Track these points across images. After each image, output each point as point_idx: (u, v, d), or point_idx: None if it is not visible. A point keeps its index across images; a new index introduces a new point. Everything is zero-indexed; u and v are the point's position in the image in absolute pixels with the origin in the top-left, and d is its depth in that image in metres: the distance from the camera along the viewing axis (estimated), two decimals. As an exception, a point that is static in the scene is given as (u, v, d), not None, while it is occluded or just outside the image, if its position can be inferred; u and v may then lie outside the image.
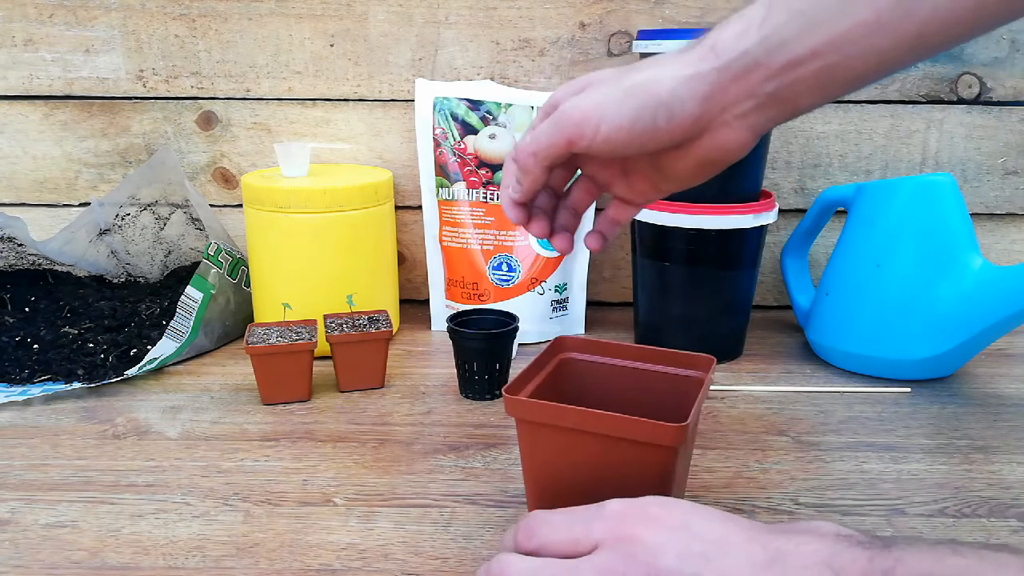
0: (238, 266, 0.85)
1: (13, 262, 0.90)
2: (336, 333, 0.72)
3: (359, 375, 0.73)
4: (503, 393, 0.47)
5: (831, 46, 0.40)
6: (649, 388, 0.54)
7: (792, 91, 0.41)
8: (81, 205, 0.96)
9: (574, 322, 0.91)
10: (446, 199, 0.87)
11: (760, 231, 0.80)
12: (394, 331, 0.86)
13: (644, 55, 0.78)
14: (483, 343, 0.71)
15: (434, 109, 0.86)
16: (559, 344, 0.55)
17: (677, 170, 0.46)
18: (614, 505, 0.40)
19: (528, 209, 0.50)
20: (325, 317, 0.75)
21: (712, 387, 0.54)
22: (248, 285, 0.85)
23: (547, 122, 0.45)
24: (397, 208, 0.95)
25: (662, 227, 0.77)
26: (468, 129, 0.86)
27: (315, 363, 0.73)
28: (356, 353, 0.72)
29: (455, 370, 0.73)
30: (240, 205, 0.96)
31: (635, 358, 0.55)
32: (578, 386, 0.55)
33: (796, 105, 0.42)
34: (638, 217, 0.79)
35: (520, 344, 0.78)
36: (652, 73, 0.43)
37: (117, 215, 0.92)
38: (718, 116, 0.43)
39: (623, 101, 0.43)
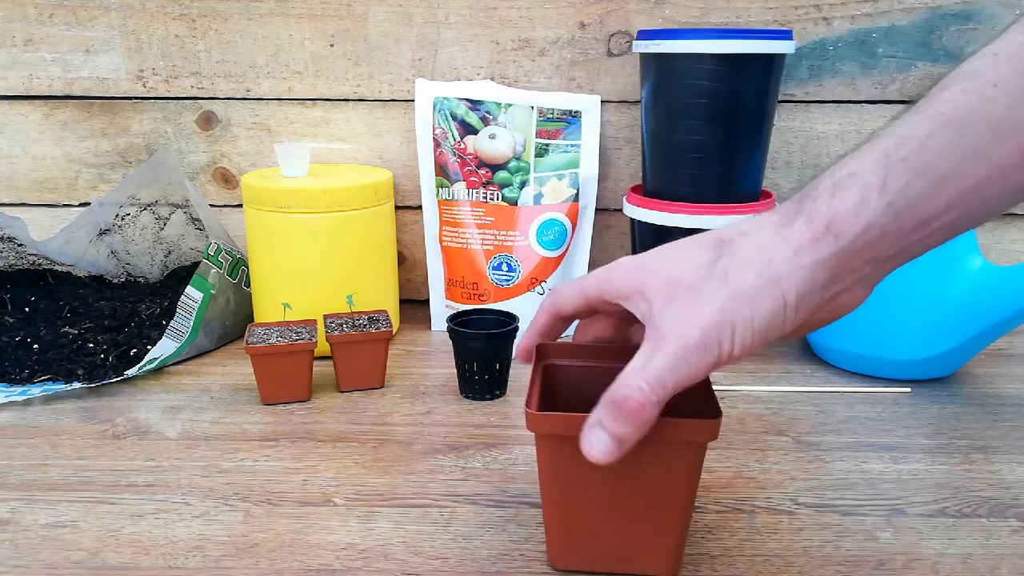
0: (238, 266, 0.85)
1: (13, 262, 0.90)
2: (336, 333, 0.72)
3: (359, 375, 0.73)
4: (525, 411, 0.46)
5: (956, 205, 0.36)
6: None
7: (921, 246, 0.38)
8: (81, 205, 0.97)
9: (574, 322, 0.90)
10: (446, 199, 0.87)
11: (760, 231, 0.79)
12: (394, 331, 0.86)
13: (644, 56, 0.78)
14: (483, 343, 0.71)
15: (434, 109, 0.86)
16: (540, 352, 0.55)
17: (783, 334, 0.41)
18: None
19: None
20: (325, 317, 0.75)
21: (713, 387, 0.54)
22: (248, 285, 0.85)
23: (663, 358, 0.37)
24: (397, 208, 0.95)
25: (662, 227, 0.77)
26: (468, 129, 0.86)
27: (315, 363, 0.73)
28: (356, 353, 0.72)
29: (455, 370, 0.73)
30: (240, 205, 0.96)
31: (618, 358, 0.55)
32: (565, 392, 0.54)
33: (912, 256, 0.39)
34: (638, 217, 0.79)
35: (520, 344, 0.78)
36: (762, 265, 0.37)
37: (117, 215, 0.92)
38: (840, 290, 0.39)
39: (745, 309, 0.36)
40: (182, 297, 0.78)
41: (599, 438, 0.39)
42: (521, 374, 0.76)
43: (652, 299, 0.39)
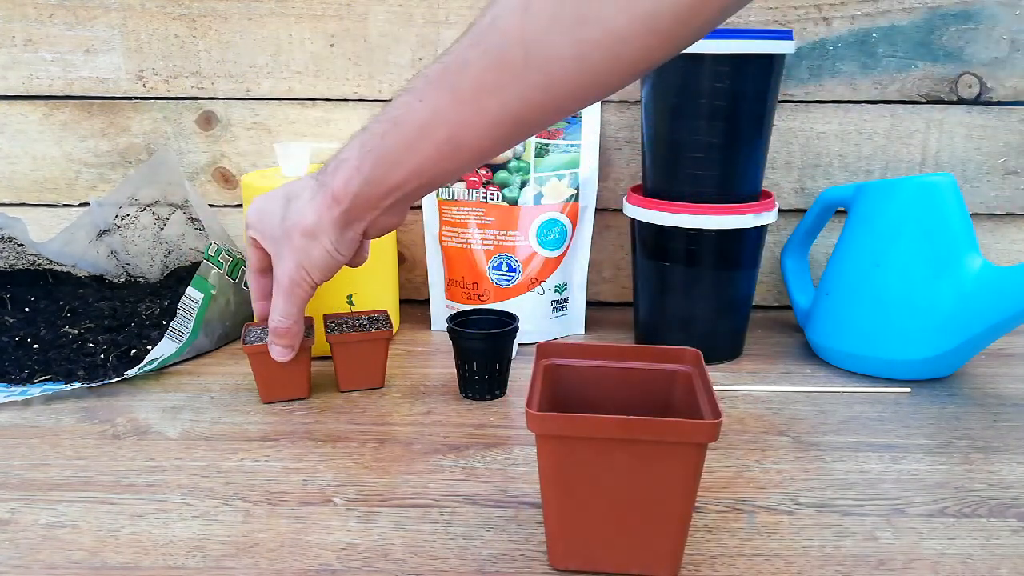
0: (238, 266, 0.85)
1: (13, 262, 0.90)
2: (336, 333, 0.72)
3: (359, 375, 0.73)
4: (525, 411, 0.46)
5: (413, 176, 0.54)
6: (637, 386, 0.54)
7: (405, 198, 0.56)
8: (81, 205, 0.97)
9: (574, 322, 0.91)
10: (446, 199, 0.87)
11: (760, 231, 0.80)
12: (394, 331, 0.86)
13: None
14: (483, 343, 0.71)
15: (434, 109, 0.86)
16: (541, 351, 0.55)
17: (364, 248, 0.65)
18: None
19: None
20: (325, 317, 0.75)
21: (713, 388, 0.54)
22: (248, 285, 0.85)
23: (279, 295, 0.63)
24: (397, 208, 0.95)
25: (662, 227, 0.77)
26: (468, 129, 0.86)
27: (315, 363, 0.73)
28: (356, 353, 0.72)
29: (455, 370, 0.73)
30: (240, 205, 0.96)
31: (618, 358, 0.55)
32: (565, 392, 0.54)
33: (414, 199, 0.58)
34: (638, 217, 0.79)
35: (520, 344, 0.78)
36: (304, 228, 0.58)
37: (117, 215, 0.92)
38: (367, 225, 0.59)
39: (305, 259, 0.59)
40: (182, 298, 0.77)
41: (275, 350, 0.67)
42: (521, 374, 0.76)
43: (268, 245, 0.62)
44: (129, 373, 0.73)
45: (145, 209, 0.93)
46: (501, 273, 0.86)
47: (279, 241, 0.61)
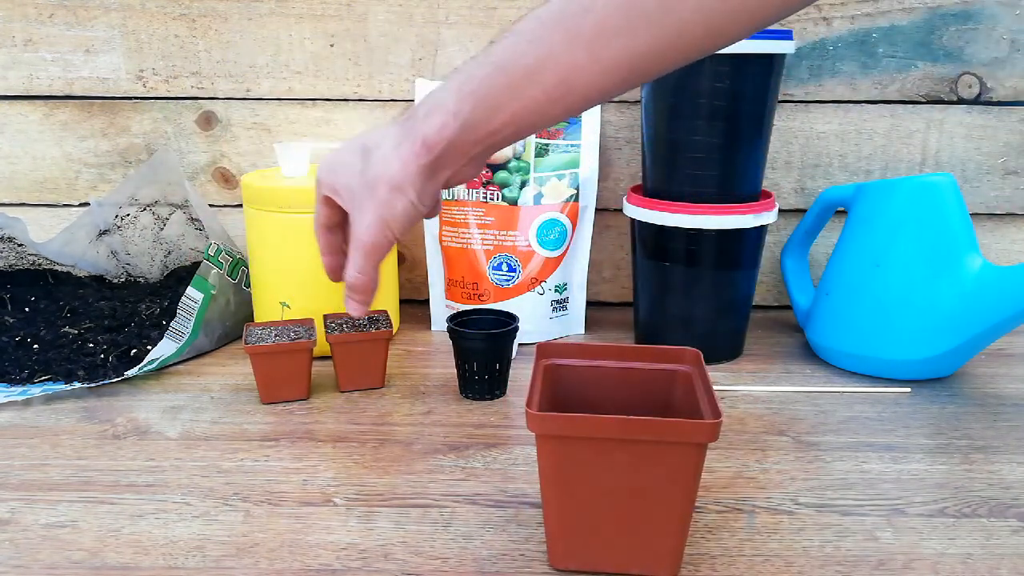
0: (238, 266, 0.85)
1: (13, 262, 0.90)
2: (336, 333, 0.72)
3: (359, 375, 0.73)
4: (526, 411, 0.46)
5: (512, 121, 0.51)
6: (637, 386, 0.54)
7: (494, 145, 0.54)
8: (81, 205, 0.96)
9: (574, 322, 0.91)
10: (446, 199, 0.87)
11: (760, 231, 0.80)
12: (394, 331, 0.86)
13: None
14: (483, 343, 0.71)
15: (434, 109, 0.86)
16: (541, 351, 0.55)
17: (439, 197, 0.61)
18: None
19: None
20: (325, 317, 0.75)
21: (713, 388, 0.54)
22: (248, 285, 0.85)
23: (356, 251, 0.58)
24: (397, 208, 0.95)
25: (662, 227, 0.77)
26: (468, 129, 0.86)
27: (315, 363, 0.73)
28: (356, 353, 0.72)
29: (455, 370, 0.73)
30: (240, 205, 0.96)
31: (618, 358, 0.55)
32: (566, 392, 0.54)
33: (500, 148, 0.55)
34: (638, 217, 0.79)
35: (520, 344, 0.78)
36: (387, 179, 0.55)
37: (117, 215, 0.92)
38: (451, 176, 0.55)
39: (387, 212, 0.56)
40: (182, 298, 0.77)
41: (351, 305, 0.61)
42: (521, 374, 0.76)
43: (344, 201, 0.57)
44: (129, 373, 0.73)
45: (145, 209, 0.93)
46: (501, 273, 0.86)
47: (358, 195, 0.57)
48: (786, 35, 0.74)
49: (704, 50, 0.48)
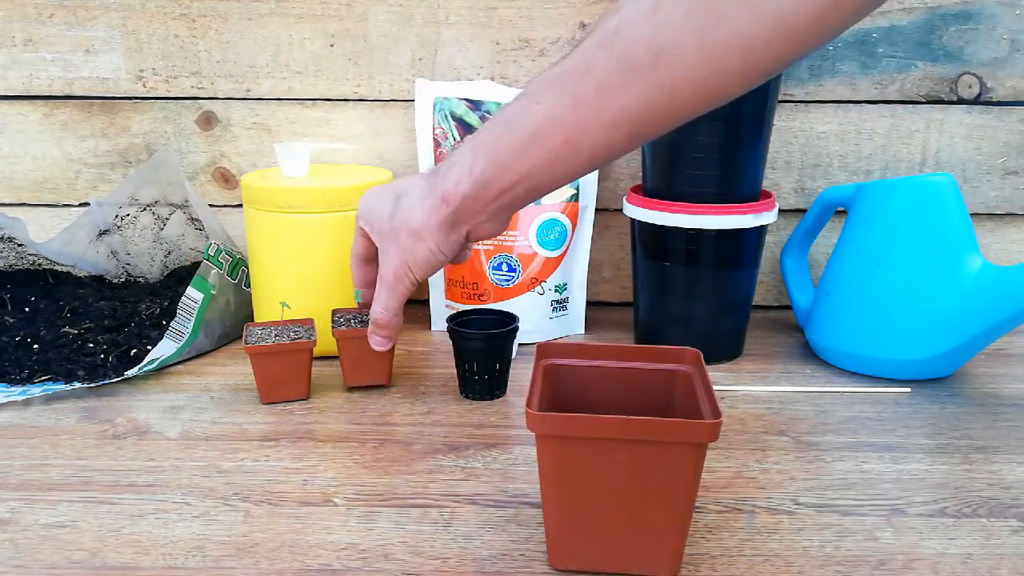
0: (238, 266, 0.85)
1: (13, 262, 0.90)
2: (343, 328, 0.72)
3: (366, 371, 0.73)
4: (525, 411, 0.46)
5: (522, 180, 0.54)
6: (637, 386, 0.54)
7: (511, 204, 0.57)
8: (81, 205, 0.96)
9: (574, 322, 0.91)
10: (446, 199, 0.87)
11: (760, 231, 0.80)
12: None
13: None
14: (483, 343, 0.71)
15: (434, 109, 0.86)
16: (541, 351, 0.55)
17: (465, 252, 0.66)
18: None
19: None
20: (333, 312, 0.75)
21: (713, 388, 0.54)
22: (248, 285, 0.85)
23: (382, 288, 0.64)
24: (397, 208, 0.95)
25: (662, 227, 0.77)
26: (468, 129, 0.86)
27: (316, 363, 0.73)
28: (364, 349, 0.71)
29: (455, 370, 0.73)
30: (240, 205, 0.96)
31: (618, 358, 0.55)
32: (566, 392, 0.54)
33: (521, 206, 0.58)
34: (638, 217, 0.79)
35: (520, 344, 0.78)
36: (411, 228, 0.60)
37: (117, 215, 0.92)
38: (470, 230, 0.59)
39: (410, 257, 0.61)
40: (183, 298, 0.78)
41: (375, 340, 0.68)
42: (521, 374, 0.76)
43: (376, 239, 0.64)
44: (129, 373, 0.73)
45: (145, 209, 0.93)
46: (501, 273, 0.86)
47: (386, 237, 0.62)
48: (786, 35, 0.74)
49: (704, 104, 0.50)
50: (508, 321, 0.74)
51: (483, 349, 0.71)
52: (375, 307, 0.66)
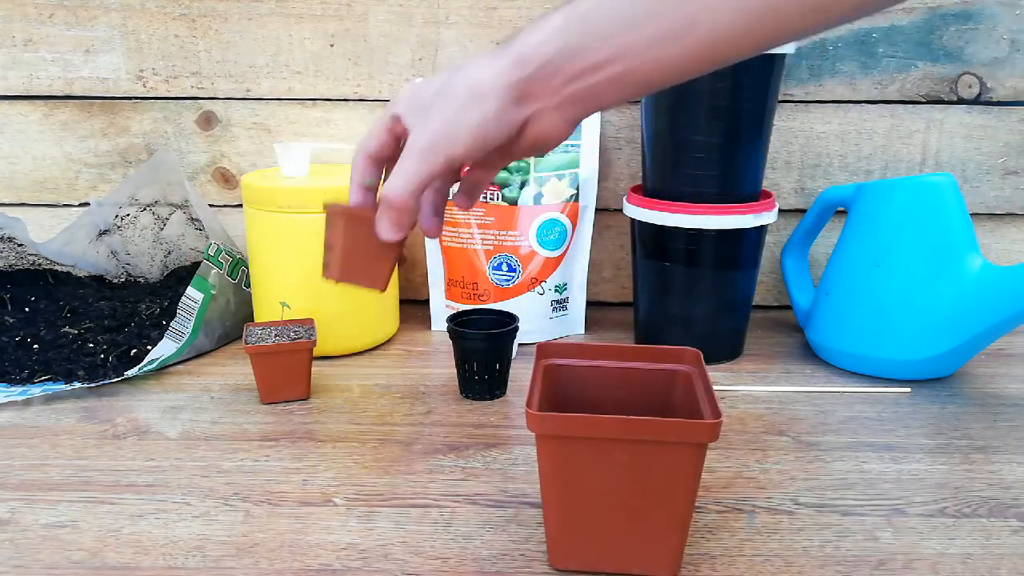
0: (238, 266, 0.85)
1: (13, 262, 0.90)
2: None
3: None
4: (525, 411, 0.46)
5: (620, 56, 0.46)
6: (637, 386, 0.54)
7: (591, 92, 0.47)
8: (81, 205, 0.96)
9: (574, 322, 0.91)
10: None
11: (760, 231, 0.80)
12: (393, 331, 0.87)
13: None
14: (483, 343, 0.71)
15: (434, 109, 0.86)
16: (541, 351, 0.55)
17: (515, 151, 0.52)
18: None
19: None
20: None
21: (713, 388, 0.54)
22: (248, 285, 0.85)
23: (408, 157, 0.49)
24: (397, 208, 0.95)
25: (662, 227, 0.77)
26: (468, 129, 0.86)
27: (317, 362, 0.73)
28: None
29: (455, 370, 0.73)
30: (240, 205, 0.96)
31: (618, 358, 0.55)
32: (566, 392, 0.54)
33: (598, 102, 0.48)
34: (638, 217, 0.79)
35: (520, 344, 0.78)
36: (472, 85, 0.48)
37: (117, 215, 0.92)
38: (533, 113, 0.49)
39: (459, 117, 0.49)
40: (182, 298, 0.78)
41: (383, 223, 0.52)
42: (521, 374, 0.76)
43: (411, 118, 0.51)
44: (129, 373, 0.73)
45: (145, 209, 0.93)
46: (501, 273, 0.86)
47: (430, 104, 0.50)
48: (786, 35, 0.74)
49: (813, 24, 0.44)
50: (508, 321, 0.74)
51: (483, 349, 0.71)
52: (392, 179, 0.51)
